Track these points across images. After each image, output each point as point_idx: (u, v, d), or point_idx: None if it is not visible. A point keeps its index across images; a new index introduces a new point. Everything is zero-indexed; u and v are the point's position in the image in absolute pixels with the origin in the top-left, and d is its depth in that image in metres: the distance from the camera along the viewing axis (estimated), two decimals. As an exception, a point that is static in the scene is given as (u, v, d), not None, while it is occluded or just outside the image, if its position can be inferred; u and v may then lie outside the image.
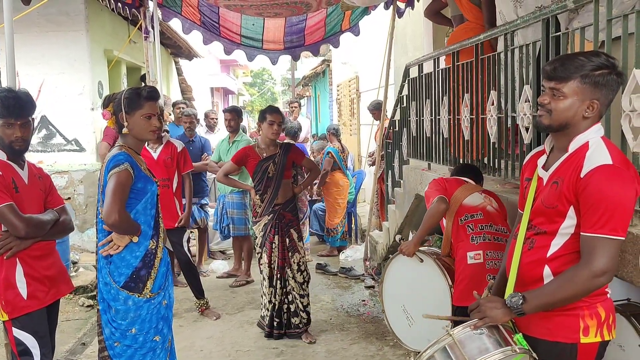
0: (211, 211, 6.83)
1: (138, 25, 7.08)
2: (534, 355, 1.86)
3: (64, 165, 6.44)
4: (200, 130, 7.99)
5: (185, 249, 4.88)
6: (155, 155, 4.73)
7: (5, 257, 2.59)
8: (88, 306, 5.09)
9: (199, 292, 4.98)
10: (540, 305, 1.82)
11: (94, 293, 5.30)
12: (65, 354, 4.13)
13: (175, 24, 6.66)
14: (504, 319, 1.87)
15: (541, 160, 1.97)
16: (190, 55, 11.78)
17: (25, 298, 2.64)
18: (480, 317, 1.90)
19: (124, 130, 2.64)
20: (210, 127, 7.72)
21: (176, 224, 4.71)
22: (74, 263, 5.69)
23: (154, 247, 2.68)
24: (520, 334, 1.88)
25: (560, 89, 1.79)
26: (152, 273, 2.66)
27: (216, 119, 7.76)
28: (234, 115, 5.87)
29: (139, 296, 2.61)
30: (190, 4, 6.00)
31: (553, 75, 1.81)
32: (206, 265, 6.64)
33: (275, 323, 4.38)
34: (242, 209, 5.91)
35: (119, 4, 5.37)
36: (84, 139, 6.54)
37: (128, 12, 5.66)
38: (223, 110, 6.35)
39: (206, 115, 7.98)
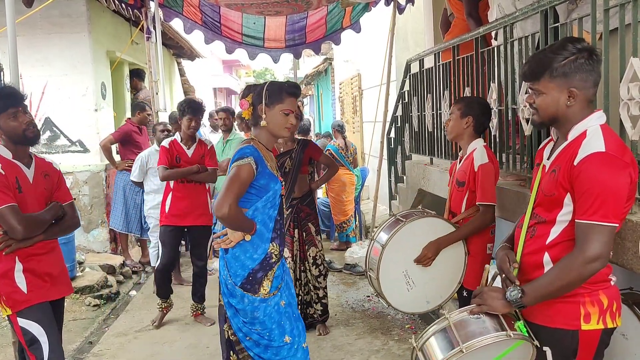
0: None
1: (140, 26, 7.11)
2: (535, 342, 1.87)
3: (69, 166, 6.46)
4: (205, 130, 8.02)
5: (207, 250, 4.88)
6: (189, 153, 4.66)
7: (4, 253, 2.59)
8: (94, 305, 5.13)
9: (201, 296, 4.89)
10: (540, 297, 1.82)
11: (101, 292, 5.35)
12: (73, 352, 4.17)
13: (177, 24, 6.68)
14: (503, 310, 1.89)
15: (547, 149, 2.00)
16: (192, 55, 11.79)
17: (26, 292, 2.63)
18: (480, 303, 1.92)
19: (262, 123, 2.55)
20: (215, 127, 7.76)
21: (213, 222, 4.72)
22: (80, 263, 5.72)
23: (275, 252, 2.57)
24: (522, 321, 1.89)
25: (537, 88, 1.86)
26: (270, 274, 2.56)
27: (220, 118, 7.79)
28: (228, 114, 5.94)
29: (253, 295, 2.52)
30: (191, 4, 6.02)
31: (526, 76, 1.89)
32: (210, 264, 6.65)
33: (307, 316, 4.45)
34: None
35: (122, 4, 5.40)
36: (88, 140, 6.57)
37: (130, 12, 5.68)
38: (216, 111, 6.37)
39: (210, 116, 8.02)
